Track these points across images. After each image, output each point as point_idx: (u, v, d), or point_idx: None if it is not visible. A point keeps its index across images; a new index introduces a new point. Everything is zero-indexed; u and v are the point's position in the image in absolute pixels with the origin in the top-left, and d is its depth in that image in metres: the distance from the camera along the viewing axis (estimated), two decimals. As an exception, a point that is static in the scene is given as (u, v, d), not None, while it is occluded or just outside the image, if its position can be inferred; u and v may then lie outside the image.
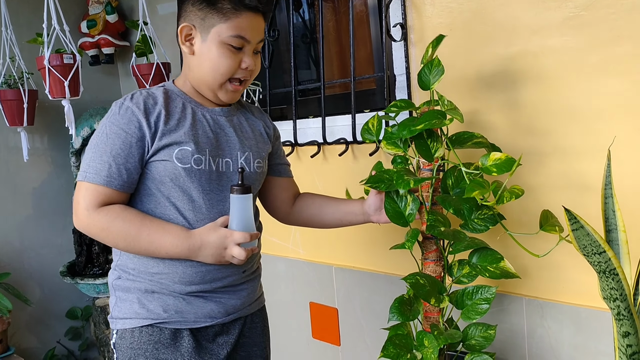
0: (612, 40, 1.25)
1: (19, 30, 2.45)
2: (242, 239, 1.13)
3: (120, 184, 1.14)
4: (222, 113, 1.26)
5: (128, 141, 1.14)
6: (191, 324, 1.20)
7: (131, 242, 1.14)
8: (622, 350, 1.02)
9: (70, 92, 2.15)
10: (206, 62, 1.19)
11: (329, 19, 2.06)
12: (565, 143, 1.35)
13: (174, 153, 1.15)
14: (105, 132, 1.15)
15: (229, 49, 1.18)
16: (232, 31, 1.16)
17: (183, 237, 1.14)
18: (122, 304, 1.22)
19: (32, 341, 2.68)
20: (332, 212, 1.41)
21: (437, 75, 1.26)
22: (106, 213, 1.13)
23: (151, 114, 1.16)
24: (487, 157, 1.15)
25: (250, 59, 1.21)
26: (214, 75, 1.19)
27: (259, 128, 1.35)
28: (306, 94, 2.12)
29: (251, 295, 1.31)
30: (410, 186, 1.18)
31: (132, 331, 1.19)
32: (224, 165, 1.22)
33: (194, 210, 1.18)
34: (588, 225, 0.96)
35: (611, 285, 0.98)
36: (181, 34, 1.21)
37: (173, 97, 1.22)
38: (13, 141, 2.59)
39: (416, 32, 1.61)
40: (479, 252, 1.26)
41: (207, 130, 1.21)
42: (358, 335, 1.88)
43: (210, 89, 1.22)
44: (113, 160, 1.13)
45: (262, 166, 1.31)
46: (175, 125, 1.17)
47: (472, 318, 1.23)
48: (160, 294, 1.19)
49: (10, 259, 2.59)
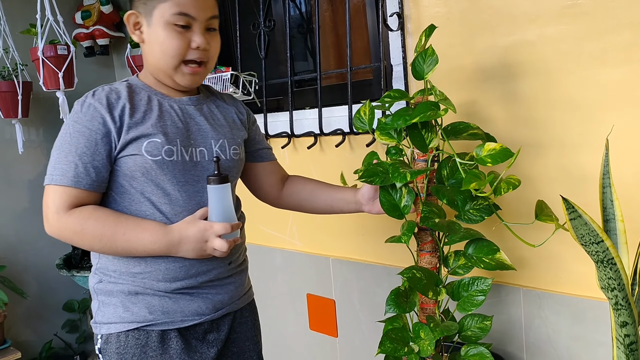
0: (610, 29, 1.24)
1: (13, 21, 2.42)
2: (222, 230, 1.09)
3: (89, 184, 1.10)
4: (190, 102, 1.22)
5: (93, 138, 1.10)
6: (179, 323, 1.17)
7: (107, 242, 1.10)
8: (619, 340, 1.01)
9: (65, 83, 2.13)
10: (156, 47, 1.15)
11: (326, 9, 2.04)
12: (563, 133, 1.34)
13: (143, 146, 1.11)
14: (69, 131, 1.11)
15: (174, 29, 1.13)
16: (173, 9, 1.12)
17: (161, 233, 1.10)
18: (106, 308, 1.18)
19: (29, 334, 2.68)
20: (323, 198, 1.39)
21: (431, 64, 1.24)
22: (78, 215, 1.09)
23: (115, 108, 1.12)
24: (481, 147, 1.14)
25: (201, 37, 1.15)
26: (165, 58, 1.15)
27: (232, 115, 1.31)
28: (302, 84, 2.11)
29: (239, 289, 1.28)
30: (407, 180, 1.17)
31: (118, 336, 1.15)
32: (198, 154, 1.18)
33: (170, 203, 1.14)
34: (586, 214, 0.95)
35: (609, 275, 0.97)
36: (128, 23, 1.17)
37: (137, 91, 1.18)
38: (8, 133, 2.57)
39: (413, 21, 1.59)
40: (474, 243, 1.25)
41: (176, 120, 1.17)
42: (355, 327, 1.88)
43: (166, 75, 1.18)
44: (79, 159, 1.09)
45: (239, 153, 1.27)
46: (142, 118, 1.13)
47: (467, 310, 1.23)
48: (145, 294, 1.15)
49: (6, 251, 2.58)
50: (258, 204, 1.46)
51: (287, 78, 1.96)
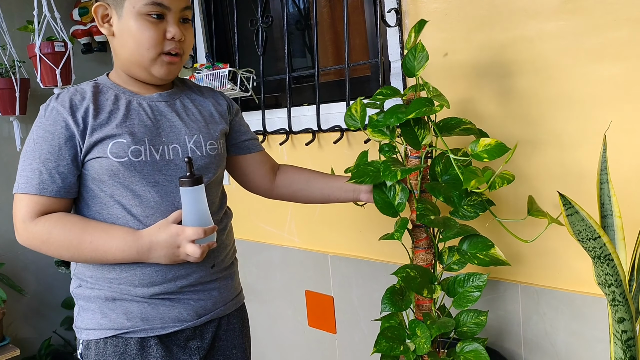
0: (609, 25, 1.24)
1: (10, 17, 2.41)
2: (195, 235, 1.03)
3: (55, 190, 1.07)
4: (161, 98, 1.17)
5: (56, 143, 1.06)
6: (158, 330, 1.12)
7: (74, 251, 1.06)
8: (617, 336, 1.01)
9: (62, 80, 2.13)
10: (128, 40, 1.10)
11: (323, 5, 2.03)
12: (561, 129, 1.34)
13: (108, 147, 1.07)
14: (33, 137, 1.08)
15: (147, 19, 1.08)
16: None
17: (130, 240, 1.06)
18: (85, 313, 1.14)
19: (28, 331, 2.68)
20: (319, 187, 1.35)
21: (422, 61, 1.23)
22: (44, 223, 1.06)
23: (78, 110, 1.08)
24: (476, 143, 1.13)
25: (175, 27, 1.10)
26: (140, 51, 1.10)
27: (208, 108, 1.25)
28: (300, 81, 2.10)
29: (224, 294, 1.22)
30: (397, 178, 1.16)
31: (97, 342, 1.12)
32: (170, 152, 1.13)
33: (141, 205, 1.10)
34: (583, 210, 0.95)
35: (606, 271, 0.97)
36: (96, 16, 1.12)
37: (104, 90, 1.14)
38: (6, 131, 2.57)
39: (411, 17, 1.59)
40: (469, 239, 1.25)
41: (145, 118, 1.13)
42: (354, 323, 1.88)
43: (142, 68, 1.13)
44: (43, 165, 1.06)
45: (217, 147, 1.21)
46: (107, 119, 1.09)
47: (464, 306, 1.22)
48: (122, 300, 1.11)
49: (4, 249, 2.57)
50: (256, 201, 1.45)
51: (285, 75, 1.95)
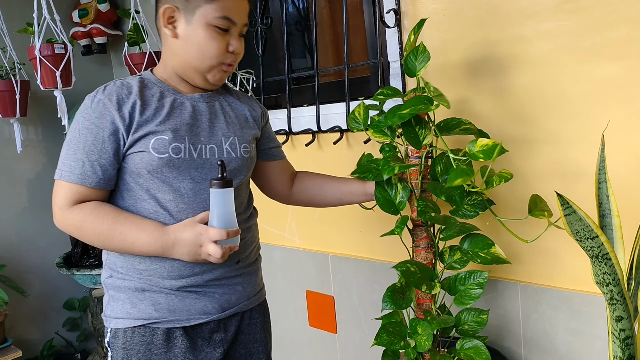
0: (606, 25, 1.24)
1: (10, 20, 2.42)
2: (218, 236, 1.07)
3: (95, 181, 1.11)
4: (202, 99, 1.22)
5: (100, 136, 1.10)
6: (184, 322, 1.17)
7: (105, 240, 1.11)
8: (615, 334, 1.02)
9: (62, 82, 2.13)
10: (194, 46, 1.15)
11: (323, 6, 2.04)
12: (559, 128, 1.35)
13: (150, 143, 1.11)
14: (78, 127, 1.12)
15: (215, 31, 1.14)
16: (218, 12, 1.13)
17: (157, 234, 1.10)
18: (115, 303, 1.19)
19: (30, 332, 2.69)
20: (332, 192, 1.39)
21: (423, 61, 1.24)
22: (79, 211, 1.10)
23: (124, 105, 1.12)
24: (474, 143, 1.14)
25: (238, 41, 1.18)
26: (203, 59, 1.16)
27: (244, 112, 1.29)
28: (300, 82, 2.11)
29: (248, 289, 1.26)
30: (394, 172, 1.17)
31: (125, 331, 1.17)
32: (207, 152, 1.18)
33: (175, 200, 1.14)
34: (580, 210, 0.95)
35: (604, 270, 0.98)
36: (163, 17, 1.16)
37: (149, 86, 1.18)
38: (6, 132, 2.58)
39: (410, 18, 1.60)
40: (469, 238, 1.26)
41: (186, 117, 1.17)
42: (354, 323, 1.89)
43: (198, 73, 1.18)
44: (86, 157, 1.10)
45: (250, 151, 1.26)
46: (152, 115, 1.13)
47: (465, 303, 1.23)
48: (151, 292, 1.16)
49: (6, 250, 2.58)
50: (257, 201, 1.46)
51: (284, 75, 1.96)
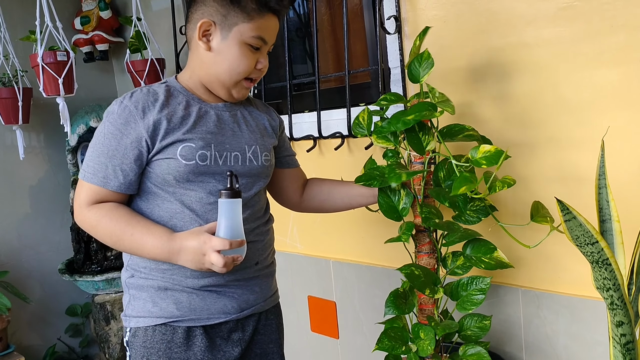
0: (605, 31, 1.25)
1: (13, 28, 2.44)
2: (221, 246, 1.08)
3: (117, 185, 1.15)
4: (225, 108, 1.26)
5: (123, 142, 1.14)
6: (205, 320, 1.20)
7: (117, 240, 1.15)
8: (616, 339, 1.02)
9: (65, 89, 2.14)
10: (225, 61, 1.18)
11: (323, 12, 2.05)
12: (559, 134, 1.35)
13: (178, 150, 1.15)
14: (104, 132, 1.16)
15: (248, 49, 1.18)
16: (254, 32, 1.17)
17: (164, 240, 1.13)
18: (136, 302, 1.22)
19: (33, 339, 2.69)
20: (341, 197, 1.42)
21: (427, 68, 1.26)
22: (96, 211, 1.15)
23: (149, 113, 1.15)
24: (476, 149, 1.15)
25: (265, 59, 1.22)
26: (231, 74, 1.19)
27: (264, 122, 1.33)
28: (301, 88, 2.12)
29: (265, 290, 1.30)
30: (402, 179, 1.18)
31: (146, 330, 1.19)
32: (232, 159, 1.21)
33: (200, 201, 1.17)
34: (580, 215, 0.96)
35: (604, 275, 0.98)
36: (200, 29, 1.18)
37: (175, 94, 1.21)
38: (9, 139, 2.59)
39: (410, 24, 1.61)
40: (472, 244, 1.27)
41: (211, 126, 1.21)
42: (356, 328, 1.89)
43: (224, 86, 1.22)
44: (109, 161, 1.14)
45: (270, 159, 1.31)
46: (179, 123, 1.17)
47: (467, 309, 1.24)
48: (173, 290, 1.19)
49: (8, 257, 2.59)
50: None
51: (285, 82, 1.97)
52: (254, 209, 1.25)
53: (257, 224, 1.26)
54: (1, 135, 2.58)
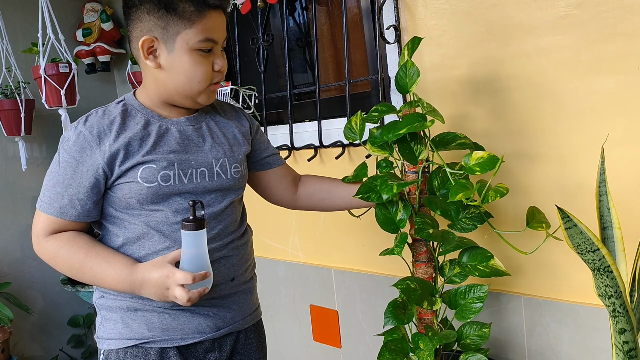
0: (604, 39, 1.26)
1: (15, 40, 2.46)
2: (183, 280, 1.02)
3: (74, 215, 1.11)
4: (188, 122, 1.18)
5: (79, 170, 1.09)
6: (178, 341, 1.14)
7: (76, 273, 1.11)
8: (618, 347, 1.02)
9: (67, 100, 2.16)
10: (179, 74, 1.11)
11: (323, 22, 2.06)
12: (559, 142, 1.36)
13: (139, 173, 1.09)
14: (59, 160, 1.11)
15: (199, 54, 1.10)
16: (200, 35, 1.08)
17: (125, 273, 1.08)
18: (107, 323, 1.17)
19: (35, 350, 2.69)
20: (342, 196, 1.36)
21: (414, 76, 1.24)
22: (54, 242, 1.11)
23: (106, 138, 1.09)
24: (469, 156, 1.14)
25: (222, 59, 1.14)
26: (191, 85, 1.12)
27: (232, 130, 1.26)
28: (302, 97, 2.13)
29: (244, 308, 1.24)
30: (393, 191, 1.16)
31: (117, 352, 1.14)
32: (198, 175, 1.15)
33: (167, 222, 1.12)
34: (581, 223, 0.96)
35: (606, 283, 0.98)
36: (143, 49, 1.09)
37: (133, 114, 1.14)
38: (11, 151, 2.60)
39: (409, 34, 1.61)
40: (468, 252, 1.26)
41: (173, 144, 1.14)
42: (359, 337, 1.89)
43: (188, 98, 1.14)
44: (65, 190, 1.09)
45: (241, 170, 1.23)
46: (138, 146, 1.10)
47: (466, 317, 1.23)
48: (144, 311, 1.14)
49: (11, 268, 2.59)
50: (259, 216, 1.47)
51: (286, 91, 1.98)
52: (225, 223, 1.18)
53: (231, 238, 1.19)
54: (3, 146, 2.59)
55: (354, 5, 1.92)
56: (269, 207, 1.44)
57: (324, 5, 2.05)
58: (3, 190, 2.59)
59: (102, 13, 2.65)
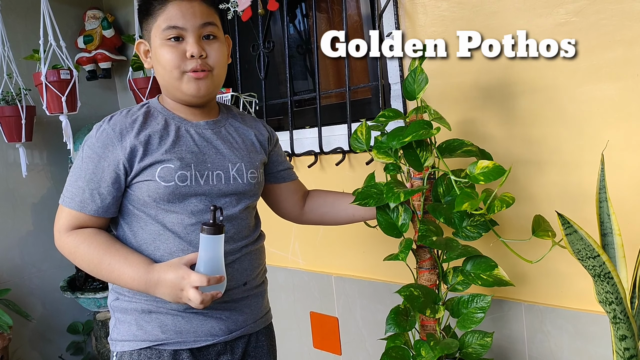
0: (603, 46, 1.26)
1: (16, 46, 2.46)
2: (198, 282, 1.05)
3: (94, 209, 1.14)
4: (207, 126, 1.23)
5: (101, 166, 1.13)
6: (191, 343, 1.16)
7: (94, 268, 1.13)
8: (619, 353, 1.02)
9: (68, 107, 2.16)
10: (159, 67, 1.18)
11: (324, 29, 2.07)
12: (561, 149, 1.36)
13: (157, 172, 1.13)
14: (82, 155, 1.15)
15: (168, 44, 1.15)
16: (163, 24, 1.15)
17: (142, 272, 1.10)
18: (121, 325, 1.19)
19: (34, 356, 2.68)
20: (344, 209, 1.38)
21: (422, 84, 1.25)
22: (74, 237, 1.14)
23: (127, 135, 1.14)
24: (474, 165, 1.14)
25: (194, 46, 1.15)
26: (166, 74, 1.17)
27: (251, 137, 1.29)
28: (302, 104, 2.14)
29: (255, 311, 1.26)
30: (400, 200, 1.17)
31: (131, 354, 1.16)
32: (214, 178, 1.18)
33: (182, 223, 1.15)
34: (581, 229, 0.96)
35: (606, 289, 0.98)
36: (140, 53, 1.23)
37: (155, 115, 1.20)
38: (12, 157, 2.60)
39: (409, 41, 1.62)
40: (472, 260, 1.26)
41: (192, 145, 1.18)
42: (359, 344, 1.88)
43: (174, 89, 1.18)
44: (87, 185, 1.13)
45: (257, 176, 1.26)
46: (157, 144, 1.15)
47: (467, 327, 1.23)
48: (158, 313, 1.16)
49: (10, 274, 2.59)
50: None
51: (287, 98, 1.98)
52: (238, 228, 1.21)
53: (245, 242, 1.22)
54: (4, 152, 2.59)
55: (354, 12, 1.93)
56: (269, 214, 1.44)
57: (324, 12, 2.06)
58: (3, 197, 2.59)
59: (103, 20, 2.66)
